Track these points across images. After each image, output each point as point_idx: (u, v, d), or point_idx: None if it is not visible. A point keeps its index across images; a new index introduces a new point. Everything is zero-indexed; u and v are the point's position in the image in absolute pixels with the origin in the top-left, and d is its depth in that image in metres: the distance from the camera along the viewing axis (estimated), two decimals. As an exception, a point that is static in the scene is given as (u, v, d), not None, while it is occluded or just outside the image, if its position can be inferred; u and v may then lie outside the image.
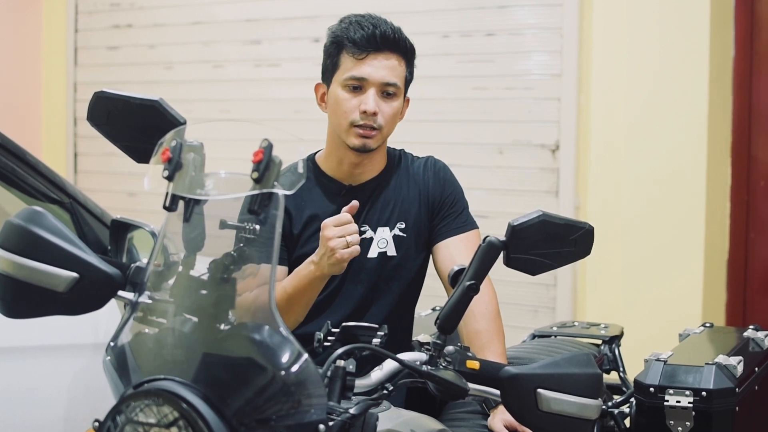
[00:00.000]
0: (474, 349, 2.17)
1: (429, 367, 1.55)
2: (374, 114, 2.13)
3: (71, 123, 5.53)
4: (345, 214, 1.97)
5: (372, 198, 2.23)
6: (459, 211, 2.27)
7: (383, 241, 2.21)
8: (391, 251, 2.21)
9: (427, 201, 2.26)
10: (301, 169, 1.44)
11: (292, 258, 2.19)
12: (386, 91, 2.15)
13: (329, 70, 2.21)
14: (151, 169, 1.48)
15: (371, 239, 2.21)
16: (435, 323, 1.59)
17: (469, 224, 2.27)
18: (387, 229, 2.23)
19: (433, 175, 2.29)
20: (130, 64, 5.32)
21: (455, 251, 2.20)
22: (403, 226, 2.24)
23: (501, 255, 1.58)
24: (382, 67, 2.14)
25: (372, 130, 2.14)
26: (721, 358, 2.09)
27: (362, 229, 2.20)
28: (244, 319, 1.45)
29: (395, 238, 2.22)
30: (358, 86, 2.14)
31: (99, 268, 1.53)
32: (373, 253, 2.20)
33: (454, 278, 1.59)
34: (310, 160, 2.27)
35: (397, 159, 2.29)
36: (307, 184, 2.20)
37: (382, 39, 2.14)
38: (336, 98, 2.17)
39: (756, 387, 2.18)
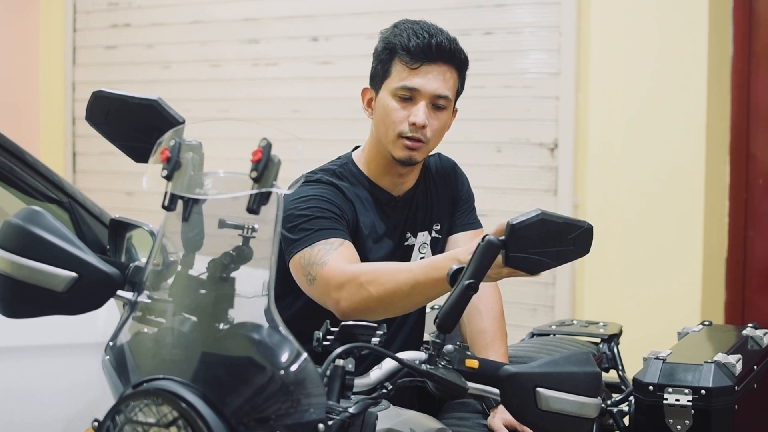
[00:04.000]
0: (477, 348, 2.18)
1: (428, 366, 1.55)
2: (423, 127, 2.08)
3: (70, 122, 5.53)
4: None
5: (412, 206, 2.24)
6: (471, 207, 2.33)
7: (424, 246, 2.23)
8: (429, 254, 2.22)
9: (452, 197, 2.30)
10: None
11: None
12: (437, 104, 2.09)
13: (379, 76, 2.13)
14: (149, 168, 1.48)
15: (412, 246, 2.22)
16: (434, 322, 1.59)
17: (477, 222, 2.33)
18: (426, 233, 2.25)
19: (451, 171, 2.32)
20: (129, 63, 5.32)
21: None
22: (438, 227, 2.26)
23: (500, 254, 1.58)
24: (435, 79, 2.08)
25: (419, 143, 2.09)
26: (720, 357, 2.09)
27: (406, 236, 2.22)
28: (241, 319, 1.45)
29: (432, 240, 2.24)
30: (408, 97, 2.08)
31: (98, 268, 1.53)
32: (414, 259, 2.20)
33: (453, 277, 1.59)
34: (350, 161, 2.21)
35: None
36: (357, 190, 2.17)
37: (438, 49, 2.08)
38: (385, 107, 2.10)
39: (755, 385, 2.18)
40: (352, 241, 2.10)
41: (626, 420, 2.30)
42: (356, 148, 2.27)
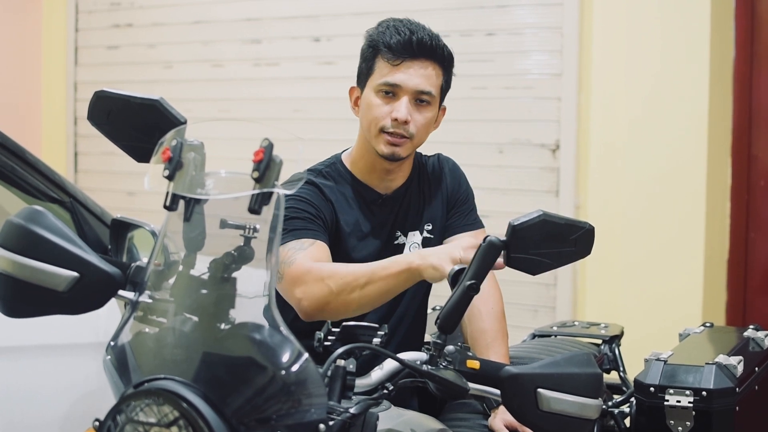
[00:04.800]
0: (478, 348, 2.18)
1: (429, 366, 1.55)
2: (405, 122, 2.09)
3: (71, 122, 5.53)
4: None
5: (402, 204, 2.24)
6: (470, 208, 2.32)
7: (414, 245, 2.22)
8: None
9: (447, 198, 2.30)
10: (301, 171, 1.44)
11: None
12: (420, 99, 2.11)
13: (364, 74, 2.18)
14: (151, 168, 1.48)
15: (403, 245, 2.22)
16: (435, 323, 1.59)
17: (478, 222, 2.32)
18: (417, 233, 2.24)
19: (448, 172, 2.32)
20: (130, 63, 5.33)
21: None
22: (430, 227, 2.26)
23: (501, 254, 1.58)
24: (416, 75, 2.10)
25: (402, 138, 2.11)
26: (721, 358, 2.08)
27: (396, 235, 2.22)
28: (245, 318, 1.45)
29: (424, 240, 2.24)
30: (391, 92, 2.11)
31: (99, 268, 1.53)
32: None
33: (455, 278, 1.59)
34: (338, 161, 2.24)
35: (416, 162, 2.29)
36: (343, 189, 2.18)
37: (419, 46, 2.10)
38: (368, 103, 2.14)
39: (756, 387, 2.18)
40: (333, 239, 2.12)
41: (627, 421, 2.30)
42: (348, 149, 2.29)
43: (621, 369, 2.64)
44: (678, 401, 2.02)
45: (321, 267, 1.97)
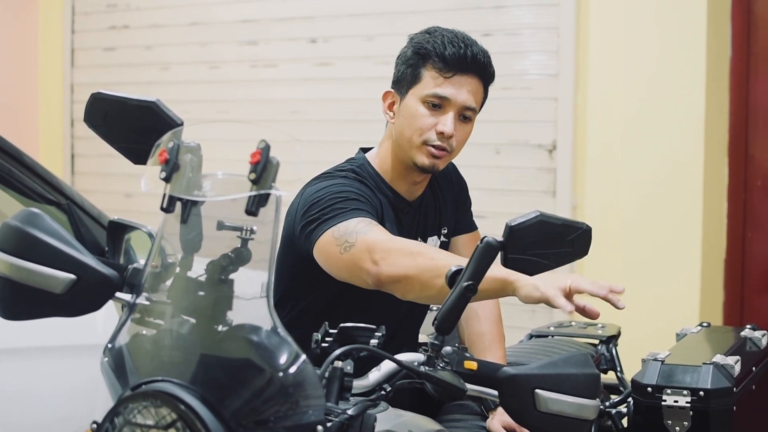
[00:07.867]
0: (476, 351, 2.18)
1: (427, 367, 1.55)
2: (450, 137, 2.06)
3: (68, 124, 5.52)
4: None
5: (422, 211, 2.21)
6: (469, 208, 2.33)
7: None
8: None
9: (456, 200, 2.29)
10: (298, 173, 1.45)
11: None
12: (464, 115, 2.08)
13: (407, 80, 2.09)
14: (148, 170, 1.48)
15: None
16: (432, 324, 1.59)
17: (474, 224, 2.32)
18: (435, 237, 2.23)
19: (453, 174, 2.32)
20: (127, 65, 5.32)
21: (463, 250, 2.23)
22: (446, 231, 2.25)
23: (498, 255, 1.58)
24: (466, 90, 2.06)
25: (443, 152, 2.07)
26: (719, 358, 2.09)
27: (418, 241, 2.18)
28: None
29: (441, 245, 2.22)
30: (438, 105, 2.06)
31: (96, 270, 1.53)
32: None
33: (452, 279, 1.59)
34: (367, 163, 2.17)
35: None
36: (379, 195, 2.12)
37: (473, 61, 2.06)
38: (412, 113, 2.07)
39: (753, 386, 2.19)
40: None
41: (625, 421, 2.30)
42: (364, 150, 2.22)
43: (618, 369, 2.65)
44: (675, 401, 2.02)
45: (409, 242, 1.89)
